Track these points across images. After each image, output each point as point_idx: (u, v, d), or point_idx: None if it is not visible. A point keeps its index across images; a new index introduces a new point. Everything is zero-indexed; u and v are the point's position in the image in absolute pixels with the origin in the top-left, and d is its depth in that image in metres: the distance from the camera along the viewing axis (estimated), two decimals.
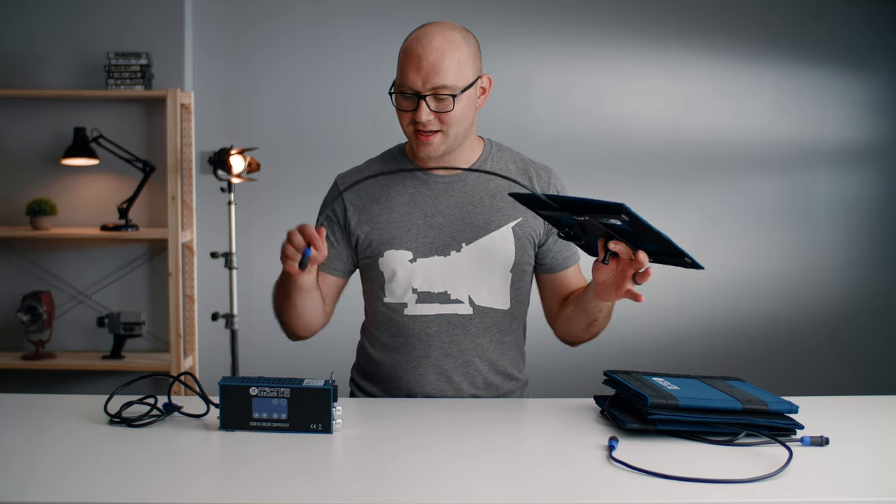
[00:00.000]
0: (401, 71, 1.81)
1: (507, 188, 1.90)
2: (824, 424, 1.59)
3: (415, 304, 1.88)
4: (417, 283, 1.88)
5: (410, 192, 1.90)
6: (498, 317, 1.91)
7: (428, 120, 1.79)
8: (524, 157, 1.99)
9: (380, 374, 1.94)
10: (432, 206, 1.89)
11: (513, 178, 1.76)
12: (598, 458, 1.43)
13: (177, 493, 1.28)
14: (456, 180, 1.91)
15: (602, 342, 3.38)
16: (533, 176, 1.95)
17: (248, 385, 1.55)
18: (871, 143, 4.09)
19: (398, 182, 1.91)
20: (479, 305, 1.89)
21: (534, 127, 3.97)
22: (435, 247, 1.88)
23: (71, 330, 3.91)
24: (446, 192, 1.90)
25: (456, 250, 1.88)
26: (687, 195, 4.05)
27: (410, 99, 1.80)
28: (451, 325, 1.88)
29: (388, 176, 1.92)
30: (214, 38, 3.92)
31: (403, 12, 3.94)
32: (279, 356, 3.91)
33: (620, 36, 3.99)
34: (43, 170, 3.85)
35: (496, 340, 1.92)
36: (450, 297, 1.88)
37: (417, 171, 1.91)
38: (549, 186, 1.96)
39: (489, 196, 1.91)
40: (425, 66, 1.77)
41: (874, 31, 4.06)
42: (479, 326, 1.90)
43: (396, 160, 1.94)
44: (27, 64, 3.81)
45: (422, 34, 1.81)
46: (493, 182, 1.92)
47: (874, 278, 4.13)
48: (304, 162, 3.95)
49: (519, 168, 1.96)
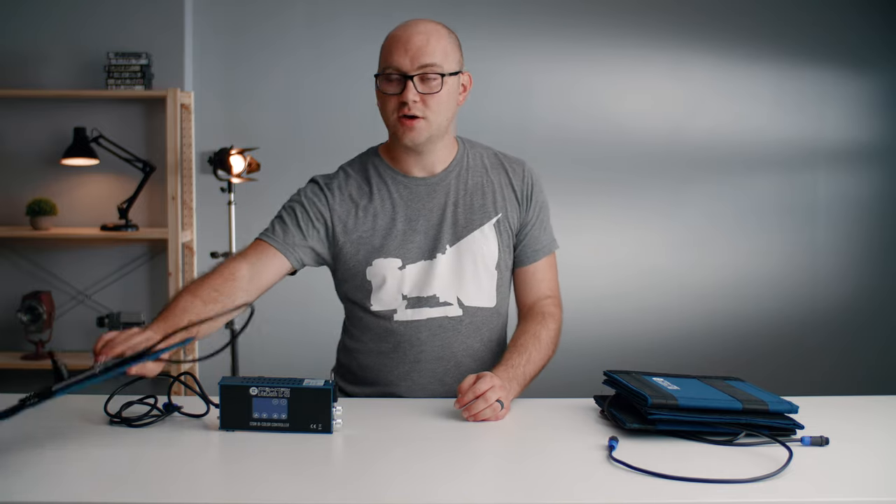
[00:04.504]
0: (387, 55, 1.80)
1: (484, 183, 1.92)
2: (824, 424, 1.59)
3: (405, 309, 1.87)
4: (407, 289, 1.87)
5: (393, 198, 1.89)
6: (486, 315, 1.92)
7: (414, 101, 1.78)
8: (496, 152, 1.99)
9: (367, 379, 1.92)
10: (415, 209, 1.88)
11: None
12: (598, 458, 1.43)
13: (177, 493, 1.28)
14: (436, 181, 1.90)
15: (602, 342, 3.41)
16: (508, 170, 1.96)
17: (248, 385, 1.55)
18: (871, 143, 4.09)
19: (379, 188, 1.89)
20: (468, 306, 1.89)
21: (534, 127, 3.97)
22: (421, 251, 1.87)
23: (71, 330, 3.91)
24: (427, 193, 1.89)
25: (441, 252, 1.87)
26: (687, 195, 4.05)
27: (396, 82, 1.79)
28: (443, 329, 1.88)
29: (369, 182, 1.90)
30: (214, 38, 3.92)
31: (403, 12, 3.92)
32: (279, 356, 3.92)
33: (620, 36, 3.99)
34: (43, 170, 3.85)
35: (485, 339, 1.92)
36: (439, 301, 1.87)
37: (398, 176, 1.90)
38: (524, 179, 1.95)
39: (469, 194, 1.91)
40: (412, 47, 1.78)
41: (874, 31, 4.06)
42: (469, 327, 1.90)
43: (373, 164, 1.92)
44: (27, 64, 3.81)
45: (406, 24, 1.83)
46: (472, 179, 1.92)
47: (874, 278, 4.13)
48: (304, 162, 3.94)
49: (492, 163, 1.96)
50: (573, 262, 3.54)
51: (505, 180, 1.94)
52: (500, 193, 1.93)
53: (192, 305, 1.69)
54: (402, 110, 1.79)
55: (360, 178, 1.91)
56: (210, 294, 1.73)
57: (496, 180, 1.94)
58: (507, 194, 1.93)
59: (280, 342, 3.93)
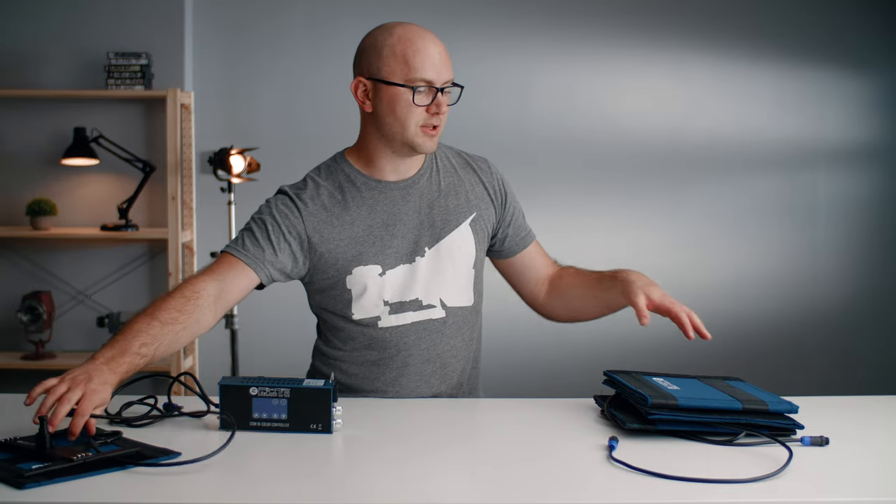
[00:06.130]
0: (410, 66, 1.77)
1: (456, 183, 1.93)
2: (824, 424, 1.59)
3: (388, 315, 1.85)
4: (388, 295, 1.85)
5: (369, 204, 1.86)
6: (466, 314, 1.92)
7: (444, 113, 1.80)
8: (460, 151, 2.00)
9: (353, 386, 1.89)
10: (391, 214, 1.86)
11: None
12: (598, 458, 1.43)
13: (177, 493, 1.28)
14: (410, 184, 1.89)
15: (602, 342, 3.41)
16: (476, 168, 1.97)
17: (248, 385, 1.55)
18: (871, 143, 4.09)
19: (353, 195, 1.86)
20: (450, 306, 1.89)
21: (533, 127, 3.97)
22: (400, 255, 1.86)
23: (71, 330, 3.91)
24: (402, 197, 1.88)
25: (420, 255, 1.87)
26: (687, 195, 4.05)
27: (426, 94, 1.79)
28: (428, 331, 1.87)
29: (342, 190, 1.87)
30: (214, 37, 3.92)
31: (403, 12, 3.93)
32: (279, 356, 3.92)
33: (620, 36, 3.99)
34: (43, 170, 3.85)
35: (466, 337, 1.93)
36: (422, 304, 1.87)
37: (370, 181, 1.88)
38: (493, 176, 1.98)
39: (443, 195, 1.91)
40: (440, 60, 1.79)
41: (874, 31, 4.06)
42: (451, 328, 1.89)
43: (343, 170, 1.89)
44: (27, 64, 3.81)
45: (419, 33, 1.81)
46: (445, 180, 1.92)
47: (874, 278, 4.13)
48: (304, 162, 3.90)
49: (459, 163, 1.97)
50: (573, 262, 3.53)
51: (475, 179, 1.96)
52: (473, 192, 1.94)
53: (147, 328, 1.61)
54: (432, 121, 1.80)
55: (332, 186, 1.87)
56: (171, 315, 1.65)
57: (466, 179, 1.95)
58: (479, 192, 1.95)
59: (280, 342, 3.93)
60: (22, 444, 1.39)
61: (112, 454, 1.36)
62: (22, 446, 1.39)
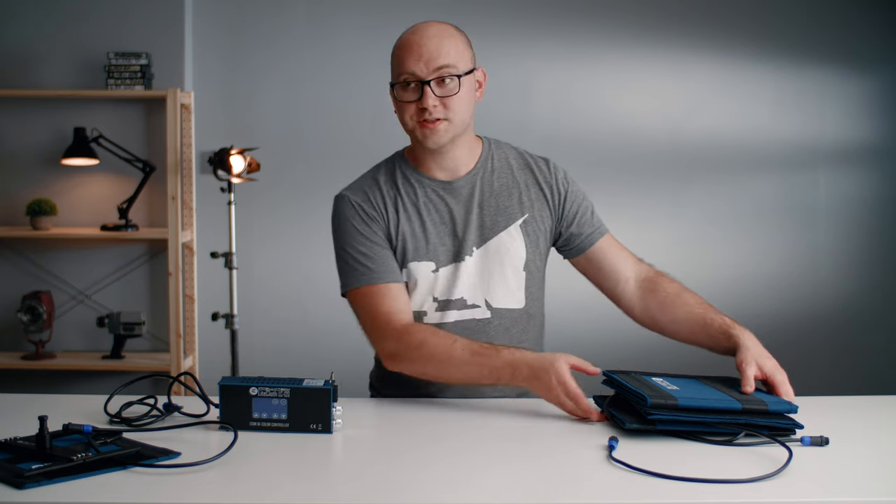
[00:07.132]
0: (399, 63, 1.80)
1: (510, 184, 1.91)
2: (824, 424, 1.59)
3: (434, 311, 1.87)
4: (438, 292, 1.87)
5: (422, 202, 1.89)
6: (515, 317, 1.91)
7: (434, 106, 1.78)
8: (521, 151, 1.99)
9: (402, 381, 1.88)
10: (442, 213, 1.89)
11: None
12: (598, 458, 1.43)
13: (177, 493, 1.28)
14: (462, 184, 1.90)
15: (602, 342, 3.40)
16: (534, 168, 1.95)
17: (248, 385, 1.55)
18: (871, 143, 4.09)
19: (408, 192, 1.89)
20: (496, 307, 1.89)
21: (533, 126, 3.97)
22: (450, 254, 1.88)
23: (71, 330, 3.91)
24: (453, 197, 1.89)
25: (468, 255, 1.88)
26: (687, 195, 4.05)
27: (413, 89, 1.79)
28: (470, 331, 1.86)
29: (396, 187, 1.89)
30: (214, 37, 3.92)
31: (403, 12, 3.93)
32: (279, 356, 3.92)
33: (620, 36, 3.99)
34: (43, 170, 3.85)
35: (515, 340, 1.90)
36: (467, 303, 1.88)
37: (424, 178, 1.89)
38: (551, 176, 1.96)
39: (494, 196, 1.91)
40: (426, 51, 1.78)
41: (874, 31, 4.06)
42: (497, 329, 1.89)
43: (400, 168, 1.92)
44: (27, 64, 3.81)
45: (415, 28, 1.83)
46: (498, 180, 1.92)
47: (874, 279, 4.13)
48: (304, 162, 3.95)
49: (518, 163, 1.96)
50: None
51: (531, 180, 1.94)
52: (527, 193, 1.92)
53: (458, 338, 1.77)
54: (423, 116, 1.79)
55: (390, 184, 1.90)
56: (451, 336, 1.78)
57: (522, 180, 1.93)
58: (535, 194, 1.93)
59: (280, 342, 3.93)
60: (22, 444, 1.39)
61: (112, 454, 1.36)
62: (22, 446, 1.39)
